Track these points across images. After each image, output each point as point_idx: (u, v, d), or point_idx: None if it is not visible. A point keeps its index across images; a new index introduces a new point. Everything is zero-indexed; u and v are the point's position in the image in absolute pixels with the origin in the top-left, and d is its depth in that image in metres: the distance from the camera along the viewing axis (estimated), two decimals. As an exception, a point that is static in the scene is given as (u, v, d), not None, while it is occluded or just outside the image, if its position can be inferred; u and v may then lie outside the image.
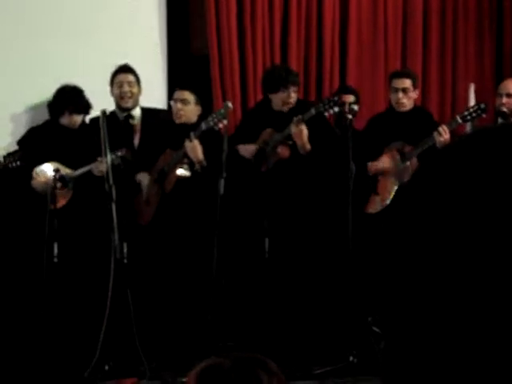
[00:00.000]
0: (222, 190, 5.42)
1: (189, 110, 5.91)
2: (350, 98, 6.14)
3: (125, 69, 6.11)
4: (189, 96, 5.91)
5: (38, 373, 5.29)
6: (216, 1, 6.59)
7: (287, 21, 6.77)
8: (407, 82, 5.91)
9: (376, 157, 5.83)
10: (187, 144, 5.74)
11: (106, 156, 5.24)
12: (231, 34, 6.62)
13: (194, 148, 5.74)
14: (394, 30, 6.98)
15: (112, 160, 5.41)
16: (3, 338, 5.69)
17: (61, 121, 5.96)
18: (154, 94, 6.16)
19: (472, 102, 6.39)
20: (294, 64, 6.69)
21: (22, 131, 6.17)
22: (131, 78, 6.11)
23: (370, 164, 5.81)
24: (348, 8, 6.89)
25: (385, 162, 5.81)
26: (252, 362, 1.88)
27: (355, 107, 5.67)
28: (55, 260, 5.36)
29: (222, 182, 5.43)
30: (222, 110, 5.66)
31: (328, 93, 6.60)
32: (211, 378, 1.85)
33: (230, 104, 5.68)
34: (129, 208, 5.77)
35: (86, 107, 5.94)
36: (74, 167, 5.80)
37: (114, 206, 5.18)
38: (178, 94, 5.93)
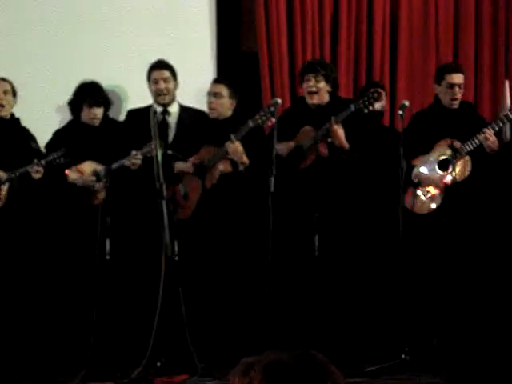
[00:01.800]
0: (272, 188, 5.41)
1: (222, 103, 5.89)
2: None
3: (160, 65, 6.09)
4: (222, 89, 5.89)
5: (92, 368, 5.34)
6: (265, -2, 6.61)
7: (337, 17, 6.74)
8: (462, 78, 5.84)
9: (424, 154, 5.76)
10: (229, 145, 5.73)
11: (156, 154, 5.26)
12: (280, 31, 6.61)
13: (236, 150, 5.73)
14: (445, 23, 6.90)
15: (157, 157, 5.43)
16: (58, 334, 5.77)
17: (82, 118, 5.97)
18: (202, 91, 6.16)
19: (508, 99, 6.31)
20: (344, 60, 6.68)
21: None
22: (167, 74, 6.10)
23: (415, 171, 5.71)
24: (399, 3, 6.84)
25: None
26: (313, 356, 1.88)
27: (406, 103, 5.60)
28: (107, 257, 5.40)
29: (273, 179, 5.42)
30: (272, 108, 5.64)
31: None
32: (278, 373, 1.85)
33: (279, 100, 5.67)
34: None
35: (104, 100, 5.94)
36: (103, 163, 5.82)
37: (164, 204, 5.21)
38: (212, 87, 5.92)
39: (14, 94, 5.83)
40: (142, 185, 5.74)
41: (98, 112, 5.93)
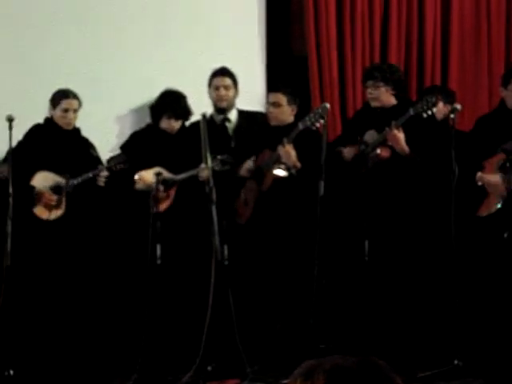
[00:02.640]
0: (321, 192, 5.40)
1: (281, 111, 5.90)
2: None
3: (222, 72, 6.15)
4: (280, 98, 5.89)
5: (144, 372, 5.38)
6: (315, 2, 6.58)
7: (387, 20, 6.71)
8: None
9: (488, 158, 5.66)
10: (280, 149, 5.74)
11: (206, 160, 5.29)
12: (330, 34, 6.60)
13: (287, 153, 5.73)
14: (496, 25, 6.83)
15: (213, 165, 5.45)
16: (111, 338, 5.82)
17: (160, 125, 6.05)
18: (253, 95, 6.18)
19: None
20: (394, 62, 6.62)
21: (126, 133, 6.27)
22: (228, 81, 6.15)
23: (479, 175, 5.60)
24: (450, 3, 6.78)
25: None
26: (375, 362, 1.87)
27: (458, 107, 5.54)
28: (158, 262, 5.44)
29: (322, 183, 5.41)
30: (320, 110, 5.64)
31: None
32: (341, 378, 1.84)
33: (327, 105, 5.65)
34: (229, 209, 5.82)
35: (185, 113, 6.00)
36: (174, 171, 5.87)
37: (214, 209, 5.22)
38: (270, 97, 5.95)
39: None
40: (191, 189, 5.77)
41: (176, 124, 6.01)
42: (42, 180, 5.80)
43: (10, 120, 5.40)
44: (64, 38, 6.33)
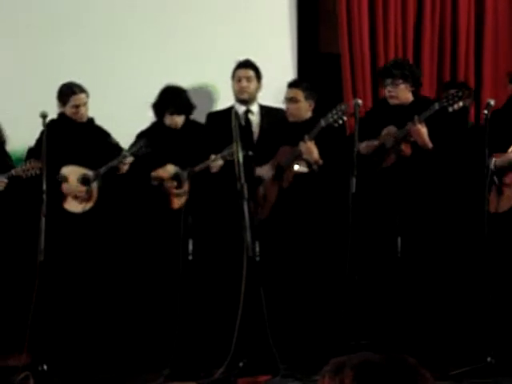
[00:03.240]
0: (353, 188, 5.38)
1: (298, 107, 5.88)
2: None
3: (245, 64, 6.15)
4: (298, 93, 5.88)
5: (176, 368, 5.41)
6: (347, -1, 6.60)
7: (421, 16, 6.68)
8: None
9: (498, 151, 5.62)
10: (302, 145, 5.72)
11: (237, 154, 5.29)
12: (362, 31, 6.58)
13: (309, 149, 5.72)
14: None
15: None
16: (143, 334, 5.85)
17: (164, 121, 6.04)
18: (283, 92, 6.16)
19: None
20: (428, 60, 6.61)
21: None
22: (251, 73, 6.14)
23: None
24: (484, 1, 6.74)
25: None
26: (404, 359, 1.87)
27: (491, 102, 5.49)
28: (190, 257, 5.45)
29: (354, 180, 5.39)
30: (342, 106, 5.62)
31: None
32: (369, 374, 1.84)
33: (359, 101, 5.63)
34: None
35: (187, 108, 5.99)
36: (183, 166, 5.87)
37: (245, 204, 5.23)
38: (287, 93, 5.92)
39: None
40: (223, 185, 5.78)
41: (179, 120, 6.00)
42: (69, 174, 5.83)
43: (44, 116, 5.44)
44: (85, 32, 6.38)
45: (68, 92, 5.81)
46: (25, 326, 5.27)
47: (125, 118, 6.22)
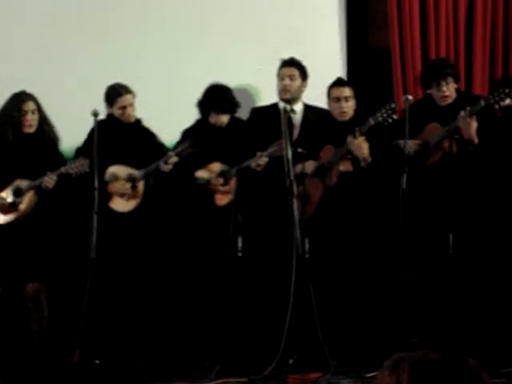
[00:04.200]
0: (404, 185, 5.35)
1: (351, 106, 5.85)
2: None
3: (290, 62, 6.11)
4: (349, 92, 5.85)
5: (227, 364, 5.43)
6: (398, -5, 6.54)
7: (472, 9, 6.59)
8: None
9: None
10: (351, 141, 5.68)
11: (286, 152, 5.29)
12: (413, 26, 6.52)
13: (359, 145, 5.66)
14: None
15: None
16: (193, 330, 5.89)
17: (209, 120, 6.05)
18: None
19: None
20: (480, 55, 6.52)
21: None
22: (295, 71, 6.10)
23: None
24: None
25: None
26: (463, 359, 1.86)
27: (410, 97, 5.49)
28: (239, 254, 5.47)
29: (405, 176, 5.36)
30: (392, 105, 5.57)
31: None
32: (426, 371, 1.83)
33: (410, 97, 5.58)
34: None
35: (232, 106, 5.99)
36: (228, 164, 5.88)
37: (295, 202, 5.23)
38: (340, 92, 5.84)
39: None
40: (272, 182, 5.78)
41: (224, 118, 6.02)
42: (116, 174, 5.89)
43: (96, 115, 5.49)
44: (131, 32, 6.43)
45: (114, 94, 5.86)
46: (77, 322, 5.34)
47: (169, 117, 6.24)
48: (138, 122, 6.03)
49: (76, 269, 5.67)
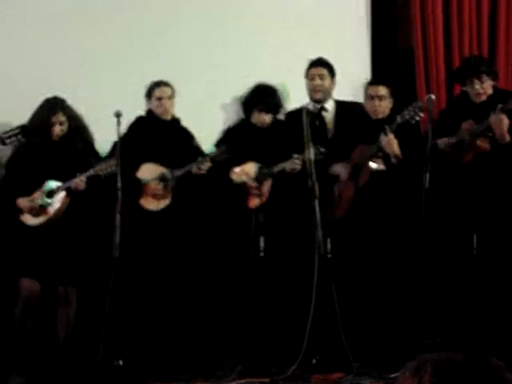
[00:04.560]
0: (427, 184, 5.32)
1: (386, 105, 5.84)
2: None
3: (318, 62, 6.13)
4: (384, 90, 5.84)
5: (249, 364, 5.44)
6: (421, -6, 6.51)
7: (495, 8, 6.55)
8: None
9: None
10: (382, 138, 5.67)
11: (308, 151, 5.28)
12: (436, 25, 6.49)
13: (390, 142, 5.65)
14: None
15: (315, 155, 5.45)
16: (216, 330, 5.90)
17: (251, 119, 6.07)
18: (358, 87, 6.12)
19: None
20: (503, 53, 6.48)
21: (218, 129, 6.32)
22: (324, 71, 6.13)
23: None
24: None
25: None
26: (488, 360, 1.84)
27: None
28: (261, 254, 5.47)
29: (427, 175, 5.33)
30: (419, 103, 5.55)
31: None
32: (449, 372, 1.82)
33: (432, 96, 5.55)
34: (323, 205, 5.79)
35: (275, 107, 6.01)
36: (267, 165, 5.88)
37: (317, 203, 5.22)
38: (374, 90, 5.85)
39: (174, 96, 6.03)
40: (294, 183, 5.77)
41: (267, 118, 6.03)
42: (148, 172, 5.90)
43: (118, 115, 5.51)
44: (168, 32, 6.44)
45: (153, 85, 5.97)
46: (100, 321, 5.36)
47: (204, 118, 6.26)
48: (177, 121, 6.06)
49: (102, 268, 5.70)
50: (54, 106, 5.61)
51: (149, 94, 6.00)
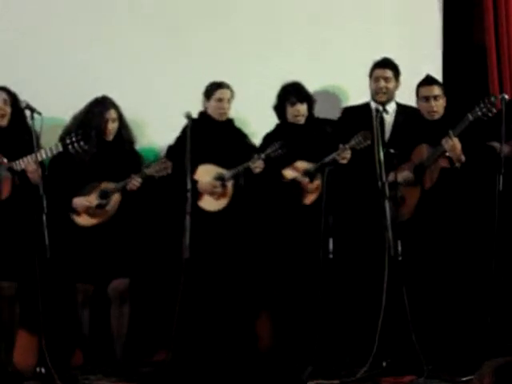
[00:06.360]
0: (500, 186, 5.23)
1: (441, 104, 5.75)
2: None
3: (384, 63, 6.06)
4: (438, 90, 5.75)
5: (319, 366, 5.42)
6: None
7: None
8: None
9: None
10: (446, 142, 5.57)
11: (378, 153, 5.23)
12: (509, 21, 6.39)
13: (453, 146, 5.55)
14: None
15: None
16: (282, 332, 5.90)
17: (287, 118, 6.02)
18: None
19: None
20: None
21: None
22: (389, 73, 6.05)
23: None
24: None
25: None
26: None
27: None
28: (330, 256, 5.45)
29: (501, 177, 5.24)
30: (492, 98, 5.42)
31: None
32: (509, 375, 1.78)
33: (506, 96, 5.45)
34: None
35: (307, 97, 5.95)
36: (312, 161, 5.85)
37: (387, 203, 5.18)
38: (429, 91, 5.74)
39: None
40: (364, 184, 5.73)
41: (302, 108, 5.98)
42: (205, 173, 5.91)
43: (189, 117, 5.53)
44: (212, 34, 6.41)
45: (214, 86, 5.95)
46: (170, 322, 5.40)
47: (253, 120, 6.27)
48: (231, 121, 6.06)
49: (160, 268, 5.75)
50: (105, 103, 5.67)
51: (208, 94, 5.97)
